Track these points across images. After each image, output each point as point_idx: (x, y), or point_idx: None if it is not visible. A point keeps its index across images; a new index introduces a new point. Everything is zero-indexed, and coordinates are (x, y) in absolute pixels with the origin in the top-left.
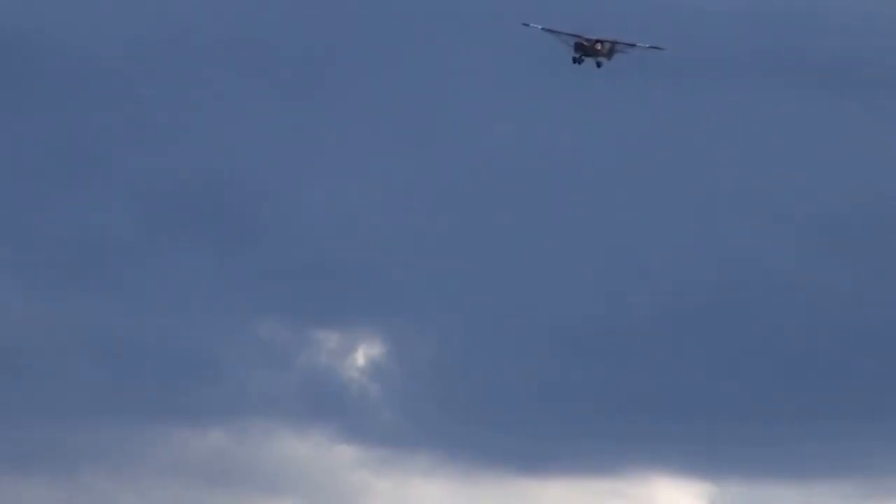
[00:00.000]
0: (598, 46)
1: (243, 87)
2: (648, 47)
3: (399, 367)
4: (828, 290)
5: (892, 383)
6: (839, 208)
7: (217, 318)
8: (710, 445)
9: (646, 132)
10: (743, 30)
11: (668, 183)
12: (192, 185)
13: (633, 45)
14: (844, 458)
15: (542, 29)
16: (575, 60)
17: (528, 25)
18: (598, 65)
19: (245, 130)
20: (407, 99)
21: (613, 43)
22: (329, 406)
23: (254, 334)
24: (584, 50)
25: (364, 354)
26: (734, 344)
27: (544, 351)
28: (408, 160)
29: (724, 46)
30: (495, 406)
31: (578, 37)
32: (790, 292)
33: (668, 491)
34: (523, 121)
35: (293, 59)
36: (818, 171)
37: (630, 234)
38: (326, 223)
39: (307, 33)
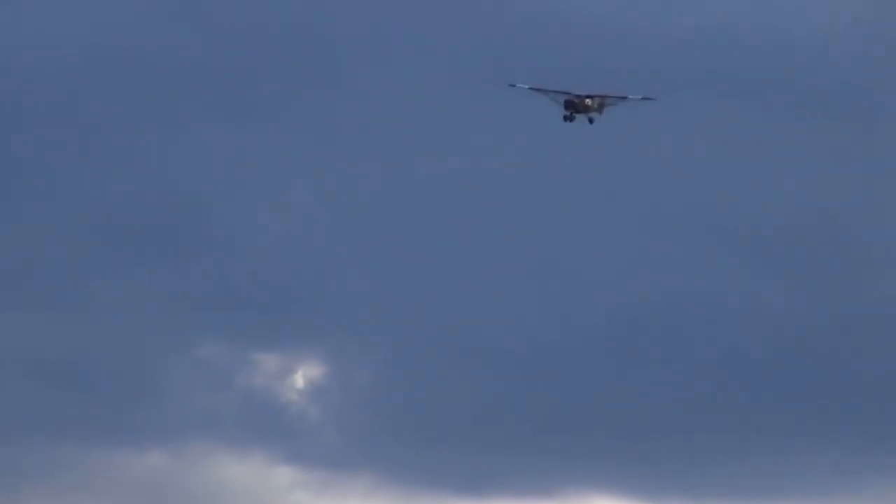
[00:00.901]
0: (589, 102)
1: (185, 108)
2: (640, 99)
3: (339, 388)
4: (766, 309)
5: (832, 403)
6: (775, 228)
7: (157, 339)
8: (650, 465)
9: (589, 157)
10: (689, 50)
11: (607, 204)
12: (134, 207)
13: (624, 98)
14: (785, 478)
15: (530, 88)
16: (566, 118)
17: (514, 86)
18: (591, 121)
19: (187, 153)
20: (350, 121)
21: (604, 97)
22: (269, 428)
23: (194, 356)
24: (575, 107)
25: (304, 376)
26: (674, 364)
27: (484, 372)
28: (348, 184)
29: (666, 67)
30: (435, 427)
31: (567, 94)
32: (729, 312)
33: None
34: (468, 143)
35: (235, 82)
36: (755, 190)
37: (569, 256)
38: (267, 246)
39: (250, 55)
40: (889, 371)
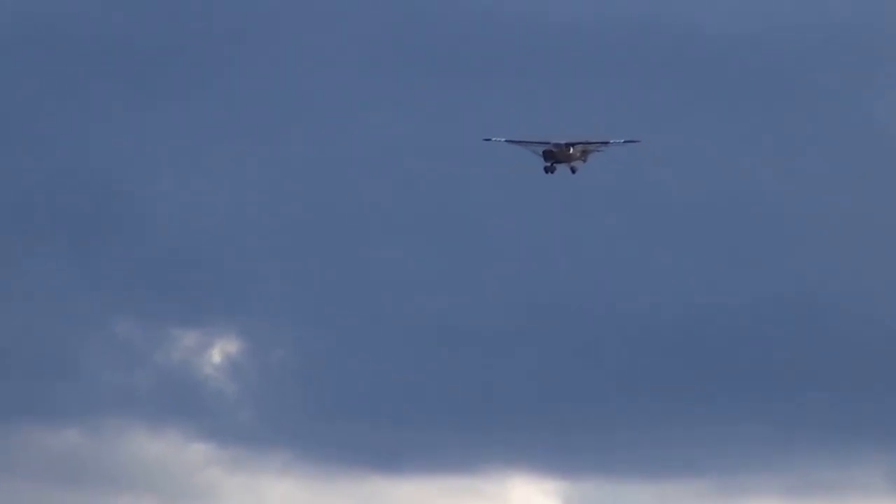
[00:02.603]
0: (571, 151)
1: (98, 87)
2: (623, 142)
3: (254, 365)
4: (680, 288)
5: (743, 385)
6: (698, 210)
7: (73, 316)
8: (566, 444)
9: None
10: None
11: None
12: (50, 185)
13: (606, 143)
14: (697, 458)
15: (506, 141)
16: (547, 170)
17: (490, 140)
18: (573, 170)
19: (103, 131)
20: (268, 96)
21: (586, 144)
22: (184, 404)
23: (110, 332)
24: (555, 157)
25: (219, 353)
26: (589, 346)
27: (399, 349)
28: (263, 161)
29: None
30: (351, 404)
31: (546, 143)
32: (645, 290)
33: (524, 488)
34: (372, 111)
35: (147, 59)
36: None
37: (487, 237)
38: (183, 223)
39: (165, 33)
40: (799, 352)
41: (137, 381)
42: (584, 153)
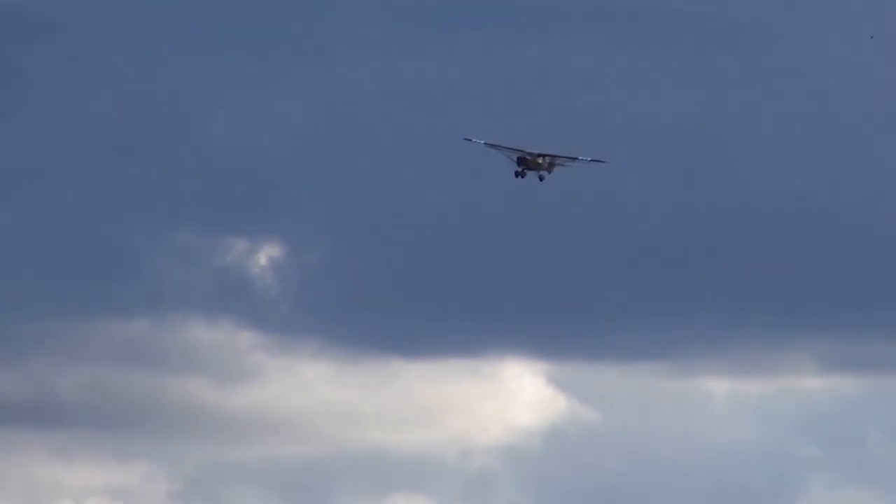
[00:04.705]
0: (541, 160)
1: (168, 29)
2: (590, 161)
3: (293, 265)
4: (643, 199)
5: (694, 283)
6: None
7: (142, 226)
8: (551, 332)
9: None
10: None
11: None
12: (128, 116)
13: (574, 159)
14: (659, 344)
15: (485, 144)
16: (517, 174)
17: (470, 140)
18: (541, 178)
19: (169, 68)
20: (305, 42)
21: (554, 157)
22: (235, 299)
23: (173, 239)
24: (527, 164)
25: (264, 255)
26: (572, 252)
27: (413, 253)
28: (303, 96)
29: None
30: (372, 298)
31: (521, 151)
32: (616, 203)
33: (516, 369)
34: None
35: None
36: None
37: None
38: (234, 149)
39: None
40: (744, 253)
41: (195, 279)
42: (552, 165)
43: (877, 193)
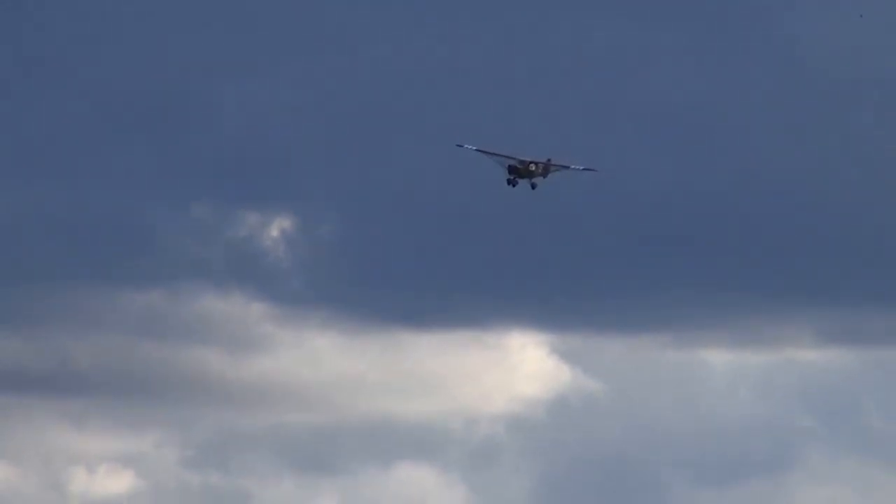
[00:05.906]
0: (533, 168)
1: (176, 13)
2: (582, 169)
3: (303, 239)
4: (648, 173)
5: (697, 258)
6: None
7: (156, 200)
8: (555, 304)
9: None
10: None
11: None
12: (135, 90)
13: (566, 167)
14: (661, 316)
15: (476, 150)
16: (509, 182)
17: (462, 146)
18: (533, 186)
19: (180, 44)
20: (316, 20)
21: (547, 164)
22: (246, 272)
23: (186, 211)
24: (518, 172)
25: (275, 229)
26: (573, 227)
27: (419, 227)
28: (313, 72)
29: None
30: (380, 271)
31: (512, 158)
32: (617, 179)
33: (520, 340)
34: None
35: None
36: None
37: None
38: (245, 124)
39: None
40: (744, 230)
41: (208, 252)
42: (545, 173)
43: (878, 169)
